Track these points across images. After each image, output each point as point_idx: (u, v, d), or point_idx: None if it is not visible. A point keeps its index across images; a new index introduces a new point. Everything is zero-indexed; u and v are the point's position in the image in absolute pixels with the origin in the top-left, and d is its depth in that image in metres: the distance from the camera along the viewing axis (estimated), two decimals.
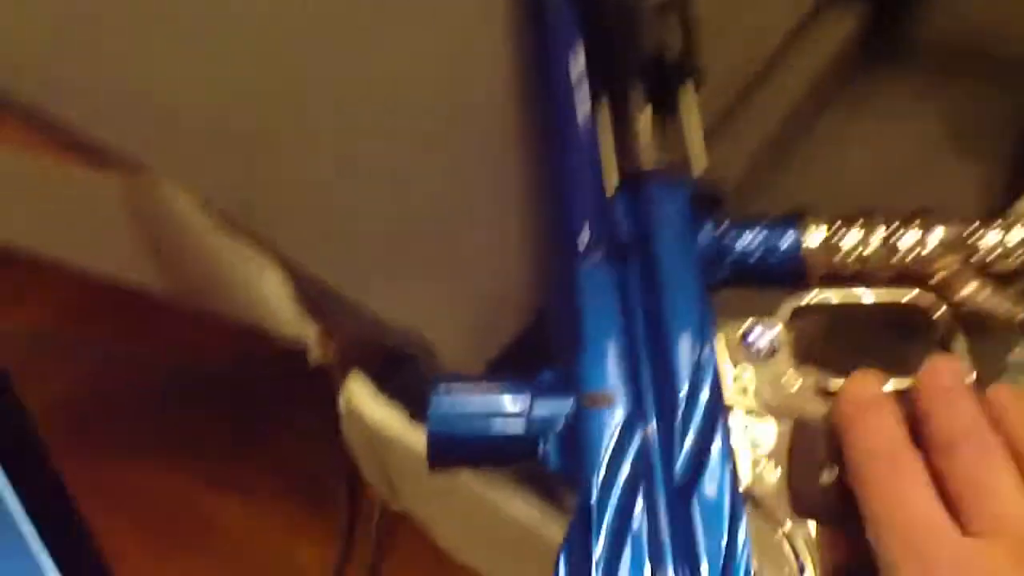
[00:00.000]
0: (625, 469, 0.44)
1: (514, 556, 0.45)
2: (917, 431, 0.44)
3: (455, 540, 0.62)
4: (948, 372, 0.46)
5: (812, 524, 0.45)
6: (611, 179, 0.53)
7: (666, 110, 0.56)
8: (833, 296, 0.50)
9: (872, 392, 0.46)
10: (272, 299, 0.55)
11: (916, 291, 0.50)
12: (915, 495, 0.42)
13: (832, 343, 0.54)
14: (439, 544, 0.63)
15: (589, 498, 0.43)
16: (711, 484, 0.44)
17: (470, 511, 0.54)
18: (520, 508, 0.51)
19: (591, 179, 0.53)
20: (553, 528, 0.52)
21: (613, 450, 0.44)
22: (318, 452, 0.63)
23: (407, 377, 0.57)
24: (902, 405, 0.45)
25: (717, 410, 0.45)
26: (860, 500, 0.43)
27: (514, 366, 0.53)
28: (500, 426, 0.46)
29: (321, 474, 0.69)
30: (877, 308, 0.51)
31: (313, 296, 0.54)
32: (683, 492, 0.44)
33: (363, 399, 0.55)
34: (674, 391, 0.45)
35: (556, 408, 0.46)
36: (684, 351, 0.46)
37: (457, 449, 0.47)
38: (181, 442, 0.72)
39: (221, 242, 0.55)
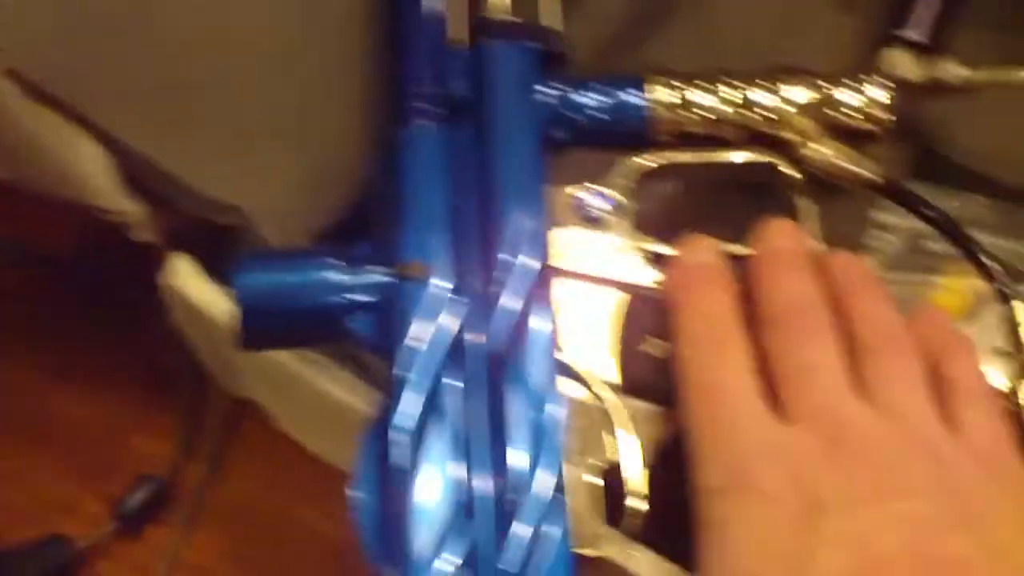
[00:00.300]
0: (439, 339, 0.41)
1: (345, 436, 0.42)
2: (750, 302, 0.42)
3: (291, 423, 0.59)
4: (781, 237, 0.44)
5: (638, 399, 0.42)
6: (457, 32, 0.49)
7: None
8: (678, 157, 0.47)
9: (703, 261, 0.43)
10: (90, 175, 0.51)
11: (764, 152, 0.47)
12: (729, 376, 0.40)
13: (683, 212, 0.51)
14: (281, 429, 0.60)
15: (399, 369, 0.40)
16: (528, 354, 0.41)
17: (297, 392, 0.51)
18: (342, 386, 0.48)
19: (430, 34, 0.49)
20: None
21: (427, 321, 0.41)
22: (163, 342, 0.59)
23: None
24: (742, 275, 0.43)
25: (540, 279, 0.42)
26: (675, 379, 0.41)
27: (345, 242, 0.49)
28: (311, 300, 0.43)
29: (166, 364, 0.65)
30: (726, 170, 0.48)
31: (136, 173, 0.50)
32: (499, 362, 0.41)
33: (186, 279, 0.51)
34: (496, 258, 0.42)
35: (371, 280, 0.43)
36: (511, 216, 0.43)
37: (267, 327, 0.43)
38: (21, 331, 0.68)
39: (32, 113, 0.51)
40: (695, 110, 0.47)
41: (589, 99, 0.47)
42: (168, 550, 0.62)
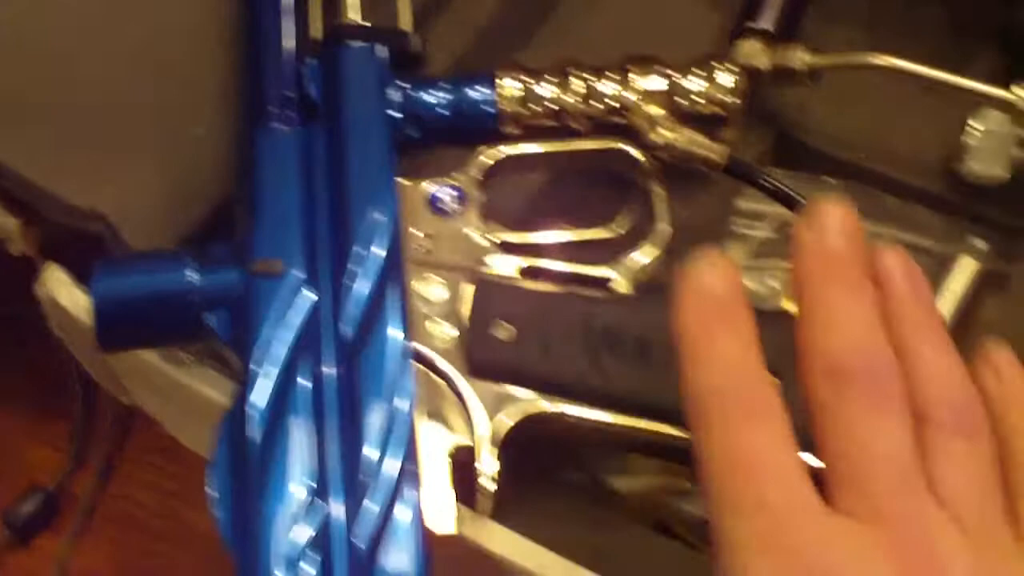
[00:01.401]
0: (290, 334, 0.42)
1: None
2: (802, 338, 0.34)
3: (174, 426, 0.60)
4: (832, 228, 0.34)
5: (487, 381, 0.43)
6: (312, 34, 0.50)
7: None
8: (528, 149, 0.48)
9: (721, 292, 0.34)
10: None
11: (612, 139, 0.48)
12: (768, 454, 0.32)
13: (545, 204, 0.52)
14: (170, 433, 0.61)
15: (252, 365, 0.41)
16: (380, 344, 0.42)
17: (171, 393, 0.51)
18: (208, 383, 0.49)
19: (285, 38, 0.50)
20: None
21: (280, 316, 0.42)
22: (52, 352, 0.59)
23: None
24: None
25: (392, 270, 0.43)
26: (695, 446, 0.33)
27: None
28: (166, 299, 0.44)
29: (56, 373, 0.65)
30: (582, 160, 0.49)
31: (4, 184, 0.51)
32: (351, 353, 0.42)
33: (59, 288, 0.51)
34: (348, 254, 0.43)
35: (226, 279, 0.44)
36: (362, 214, 0.44)
37: (125, 328, 0.44)
38: None
39: None
40: (542, 102, 0.48)
41: (437, 97, 0.48)
42: (58, 557, 0.62)
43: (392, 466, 0.40)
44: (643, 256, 0.47)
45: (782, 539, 0.31)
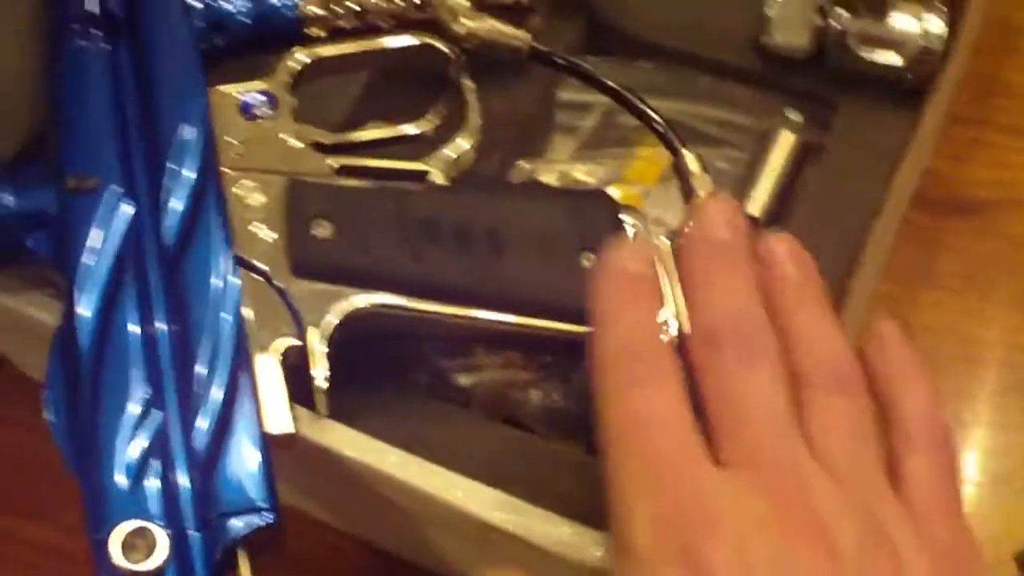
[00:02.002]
0: (109, 246, 0.42)
1: None
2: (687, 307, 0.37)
3: (22, 359, 0.60)
4: (720, 226, 0.38)
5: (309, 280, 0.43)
6: None
7: None
8: (334, 50, 0.49)
9: (633, 270, 0.38)
10: None
11: (418, 34, 0.49)
12: (659, 409, 0.35)
13: (358, 106, 0.53)
14: (18, 370, 0.61)
15: (74, 279, 0.41)
16: (203, 254, 0.42)
17: (12, 325, 0.51)
18: (40, 307, 0.48)
19: None
20: None
21: (97, 230, 0.42)
22: None
23: None
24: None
25: (208, 178, 0.43)
26: (595, 405, 0.36)
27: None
28: None
29: None
30: (387, 57, 0.49)
31: None
32: (173, 263, 0.42)
33: None
34: (163, 165, 0.43)
35: (40, 197, 0.43)
36: (174, 126, 0.44)
37: None
38: None
39: None
40: (343, 3, 0.48)
41: (238, 4, 0.48)
42: None
43: (223, 375, 0.40)
44: (456, 148, 0.47)
45: (666, 484, 0.33)
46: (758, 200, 0.55)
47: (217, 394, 0.40)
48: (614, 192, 0.51)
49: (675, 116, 0.54)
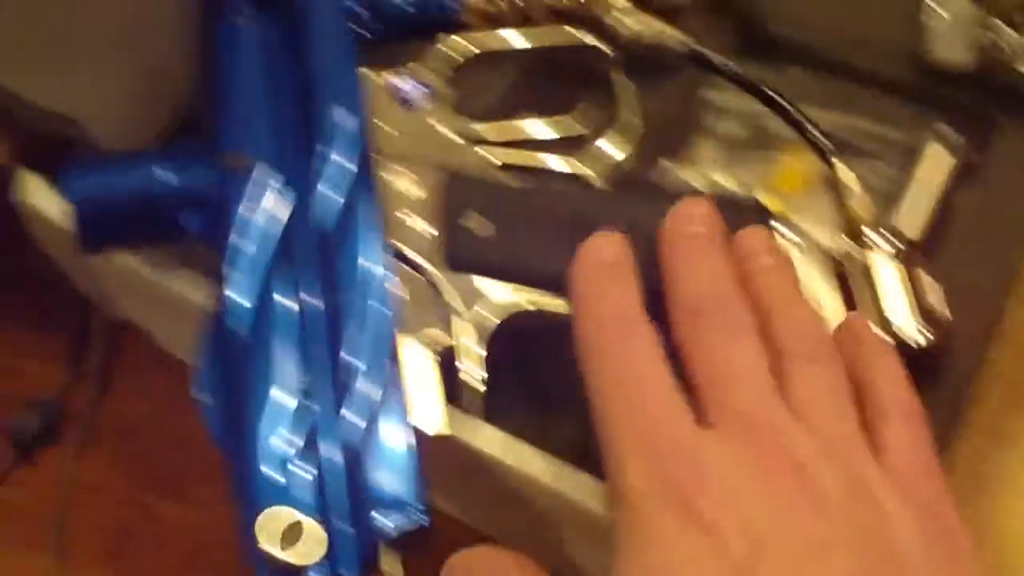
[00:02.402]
0: (264, 227, 0.42)
1: None
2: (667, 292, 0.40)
3: (162, 335, 0.61)
4: (688, 218, 0.41)
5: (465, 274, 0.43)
6: None
7: None
8: (491, 41, 0.48)
9: (608, 257, 0.41)
10: None
11: (578, 30, 0.49)
12: (643, 368, 0.37)
13: (509, 96, 0.53)
14: (160, 346, 0.62)
15: (229, 261, 0.41)
16: (356, 240, 0.42)
17: (156, 299, 0.52)
18: (189, 286, 0.49)
19: None
20: None
21: (251, 210, 0.42)
22: (43, 268, 0.60)
23: None
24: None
25: (362, 165, 0.43)
26: (584, 375, 0.38)
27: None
28: (139, 197, 0.44)
29: (44, 290, 0.66)
30: (543, 51, 0.49)
31: None
32: (328, 248, 0.42)
33: (36, 195, 0.52)
34: (318, 148, 0.43)
35: (196, 174, 0.44)
36: (328, 108, 0.44)
37: (104, 228, 0.44)
38: None
39: None
40: None
41: None
42: (63, 471, 0.63)
43: (376, 369, 0.40)
44: (615, 150, 0.47)
45: (656, 439, 0.35)
46: (909, 215, 0.53)
47: (370, 388, 0.39)
48: (763, 199, 0.50)
49: (826, 126, 0.53)
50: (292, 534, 0.37)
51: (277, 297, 0.41)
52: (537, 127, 0.48)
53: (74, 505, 0.63)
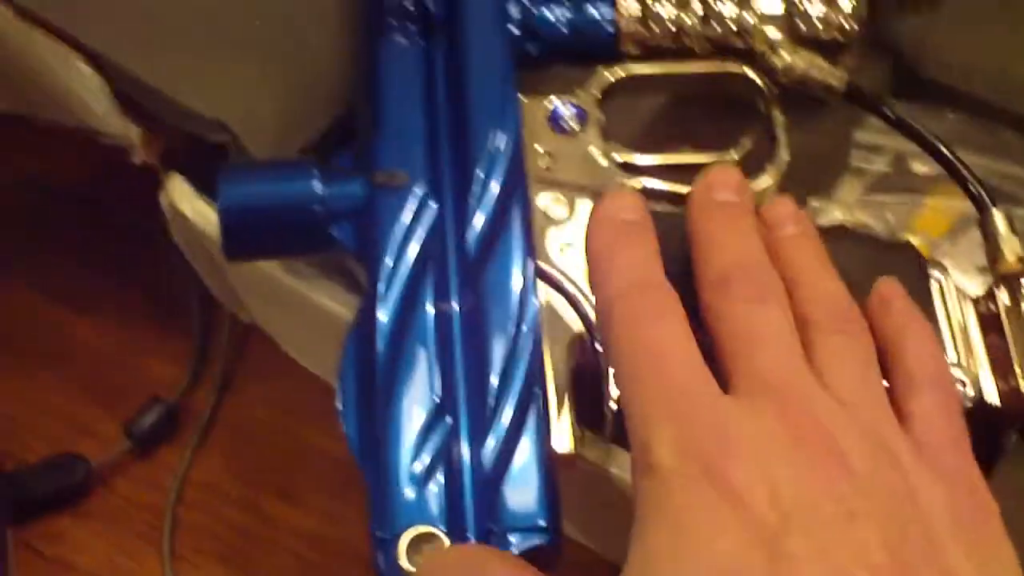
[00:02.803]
0: (415, 247, 0.42)
1: (338, 349, 0.44)
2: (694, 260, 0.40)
3: (291, 344, 0.61)
4: (725, 189, 0.41)
5: None
6: None
7: None
8: (647, 69, 0.48)
9: (627, 217, 0.41)
10: (86, 97, 0.52)
11: (734, 62, 0.48)
12: (668, 338, 0.37)
13: (662, 126, 0.52)
14: (286, 351, 0.62)
15: (377, 277, 0.41)
16: (504, 261, 0.42)
17: (291, 308, 0.52)
18: (331, 297, 0.49)
19: None
20: None
21: (403, 228, 0.42)
22: (167, 268, 0.61)
23: None
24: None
25: (515, 188, 0.43)
26: (605, 341, 0.38)
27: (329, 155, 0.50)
28: (292, 208, 0.44)
29: (171, 289, 0.67)
30: (698, 82, 0.49)
31: (129, 92, 0.52)
32: (475, 269, 0.42)
33: (182, 198, 0.52)
34: (472, 170, 0.43)
35: (350, 189, 0.44)
36: (484, 131, 0.44)
37: (251, 237, 0.44)
38: (27, 260, 0.70)
39: (26, 36, 0.52)
40: (661, 22, 0.48)
41: (557, 14, 0.48)
42: (179, 468, 0.64)
43: (515, 391, 0.40)
44: (761, 183, 0.46)
45: (683, 408, 0.35)
46: None
47: (508, 410, 0.39)
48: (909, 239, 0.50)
49: (978, 172, 0.52)
50: (419, 545, 0.37)
51: (421, 316, 0.41)
52: (686, 157, 0.47)
53: (187, 503, 0.64)
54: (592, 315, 0.42)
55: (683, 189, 0.45)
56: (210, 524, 0.63)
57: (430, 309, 0.41)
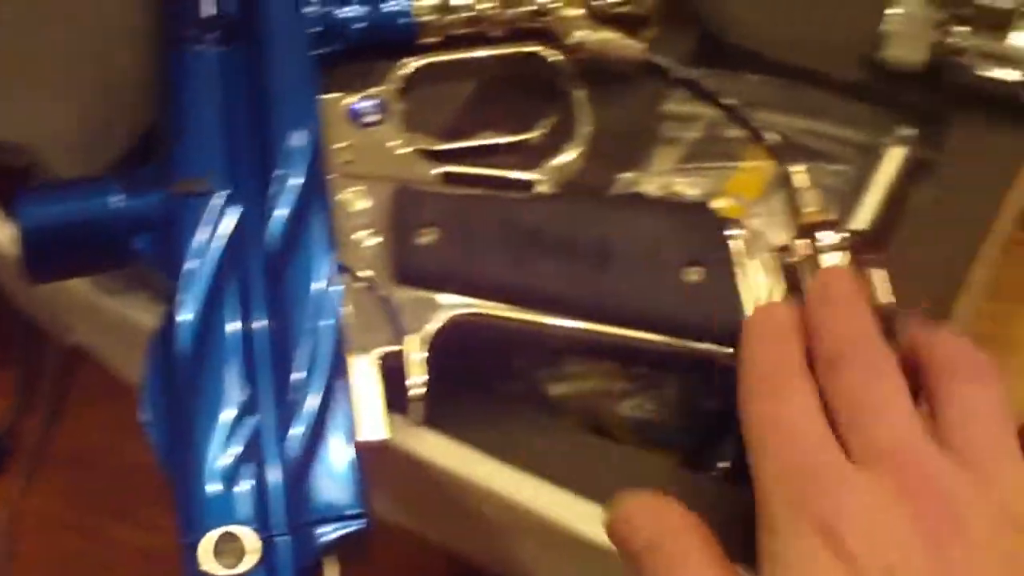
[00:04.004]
0: (215, 252, 0.43)
1: None
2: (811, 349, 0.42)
3: (117, 361, 0.61)
4: (837, 283, 0.44)
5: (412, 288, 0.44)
6: None
7: None
8: (446, 56, 0.50)
9: (777, 324, 0.43)
10: None
11: (529, 44, 0.50)
12: (799, 418, 0.39)
13: (469, 111, 0.54)
14: (113, 372, 0.62)
15: (179, 282, 0.43)
16: (306, 262, 0.43)
17: (107, 324, 0.52)
18: (141, 310, 0.50)
19: None
20: None
21: (204, 235, 0.43)
22: None
23: None
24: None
25: (313, 185, 0.45)
26: (742, 425, 0.40)
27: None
28: (93, 226, 0.45)
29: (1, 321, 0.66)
30: (497, 65, 0.50)
31: None
32: (276, 268, 0.43)
33: None
34: (271, 171, 0.45)
35: (150, 201, 0.45)
36: (285, 133, 0.45)
37: (53, 257, 0.45)
38: None
39: None
40: (458, 10, 0.49)
41: (353, 10, 0.50)
42: (11, 499, 0.64)
43: (319, 382, 0.41)
44: (564, 158, 0.48)
45: (802, 469, 0.37)
46: (864, 213, 0.55)
47: (313, 401, 0.41)
48: (717, 204, 0.52)
49: (784, 130, 0.54)
50: (225, 544, 0.38)
51: (223, 315, 0.42)
52: (489, 140, 0.49)
53: (23, 534, 0.64)
54: (394, 303, 0.44)
55: (484, 171, 0.47)
56: (47, 553, 0.63)
57: (233, 312, 0.43)
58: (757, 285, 0.45)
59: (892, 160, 0.56)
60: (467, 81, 0.52)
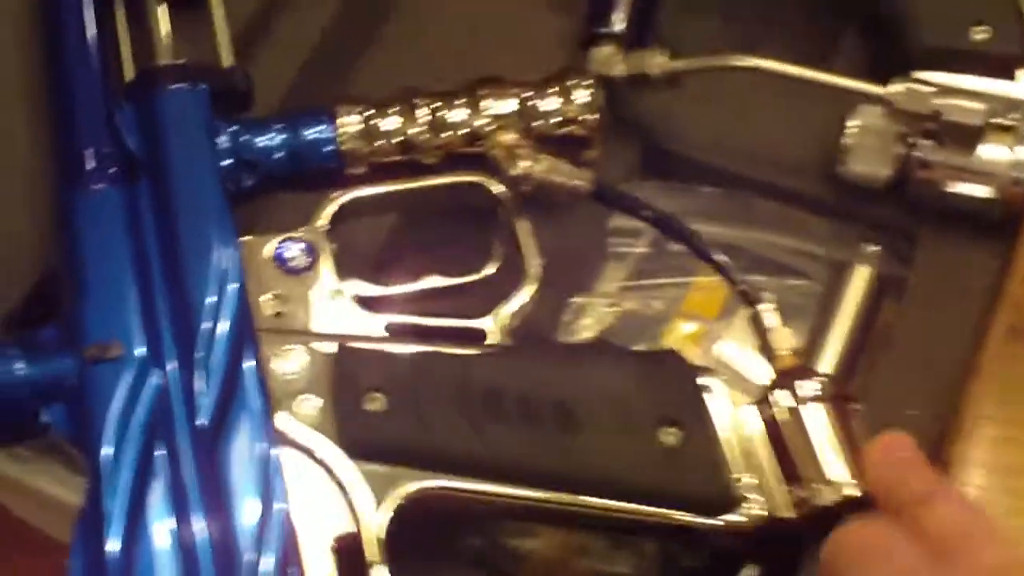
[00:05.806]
0: (138, 423, 0.41)
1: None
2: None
3: (39, 519, 0.59)
4: (901, 445, 0.46)
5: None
6: (125, 76, 0.50)
7: (190, 5, 0.52)
8: (375, 190, 0.48)
9: (875, 540, 0.44)
10: None
11: (469, 173, 0.49)
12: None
13: (403, 245, 0.52)
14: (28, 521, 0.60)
15: (99, 460, 0.40)
16: (240, 425, 0.42)
17: (20, 492, 0.50)
18: (53, 480, 0.48)
19: (97, 91, 0.49)
20: None
21: (124, 404, 0.41)
22: None
23: None
24: None
25: (244, 343, 0.43)
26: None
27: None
28: None
29: None
30: (434, 195, 0.49)
31: None
32: (210, 437, 0.41)
33: None
34: (193, 328, 0.43)
35: (58, 368, 0.43)
36: (202, 280, 0.43)
37: None
38: None
39: None
40: (386, 137, 0.48)
41: (271, 138, 0.48)
42: None
43: (268, 569, 0.39)
44: (516, 302, 0.47)
45: None
46: (835, 337, 0.54)
47: None
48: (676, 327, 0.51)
49: (742, 243, 0.54)
50: None
51: (154, 508, 0.40)
52: (432, 282, 0.47)
53: None
54: (346, 482, 0.42)
55: (432, 322, 0.45)
56: None
57: (162, 501, 0.41)
58: (735, 441, 0.45)
59: (859, 279, 0.56)
60: (399, 213, 0.51)
